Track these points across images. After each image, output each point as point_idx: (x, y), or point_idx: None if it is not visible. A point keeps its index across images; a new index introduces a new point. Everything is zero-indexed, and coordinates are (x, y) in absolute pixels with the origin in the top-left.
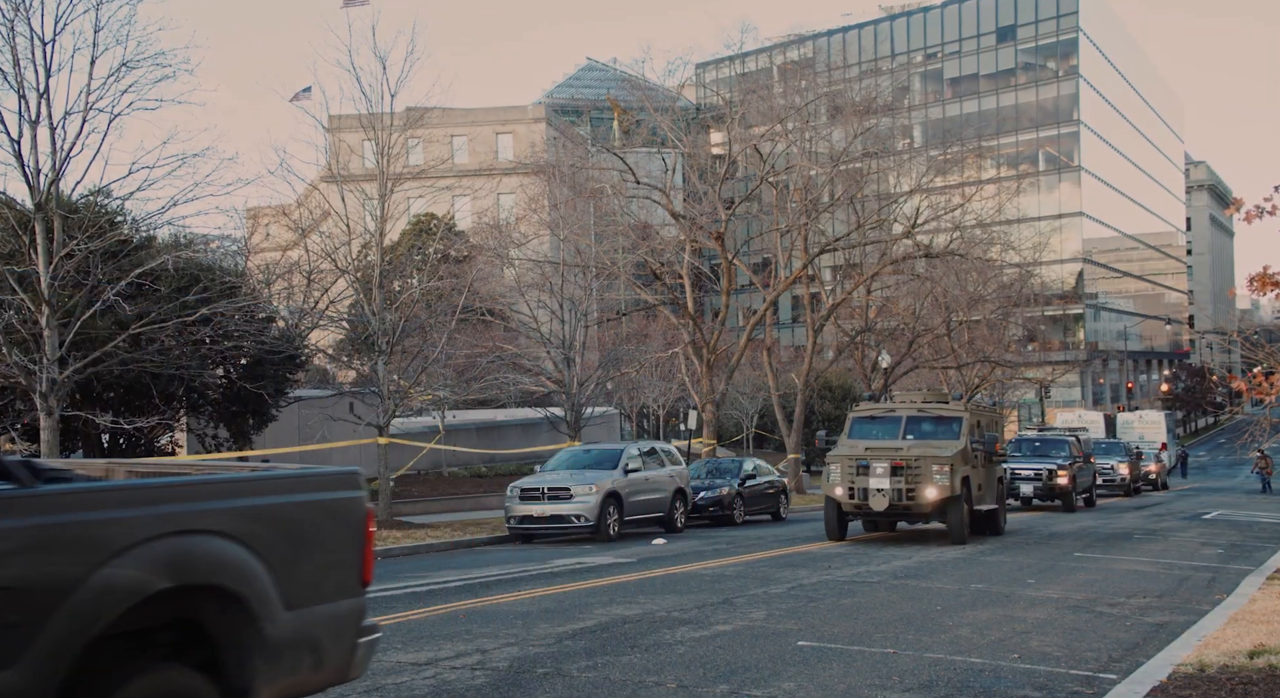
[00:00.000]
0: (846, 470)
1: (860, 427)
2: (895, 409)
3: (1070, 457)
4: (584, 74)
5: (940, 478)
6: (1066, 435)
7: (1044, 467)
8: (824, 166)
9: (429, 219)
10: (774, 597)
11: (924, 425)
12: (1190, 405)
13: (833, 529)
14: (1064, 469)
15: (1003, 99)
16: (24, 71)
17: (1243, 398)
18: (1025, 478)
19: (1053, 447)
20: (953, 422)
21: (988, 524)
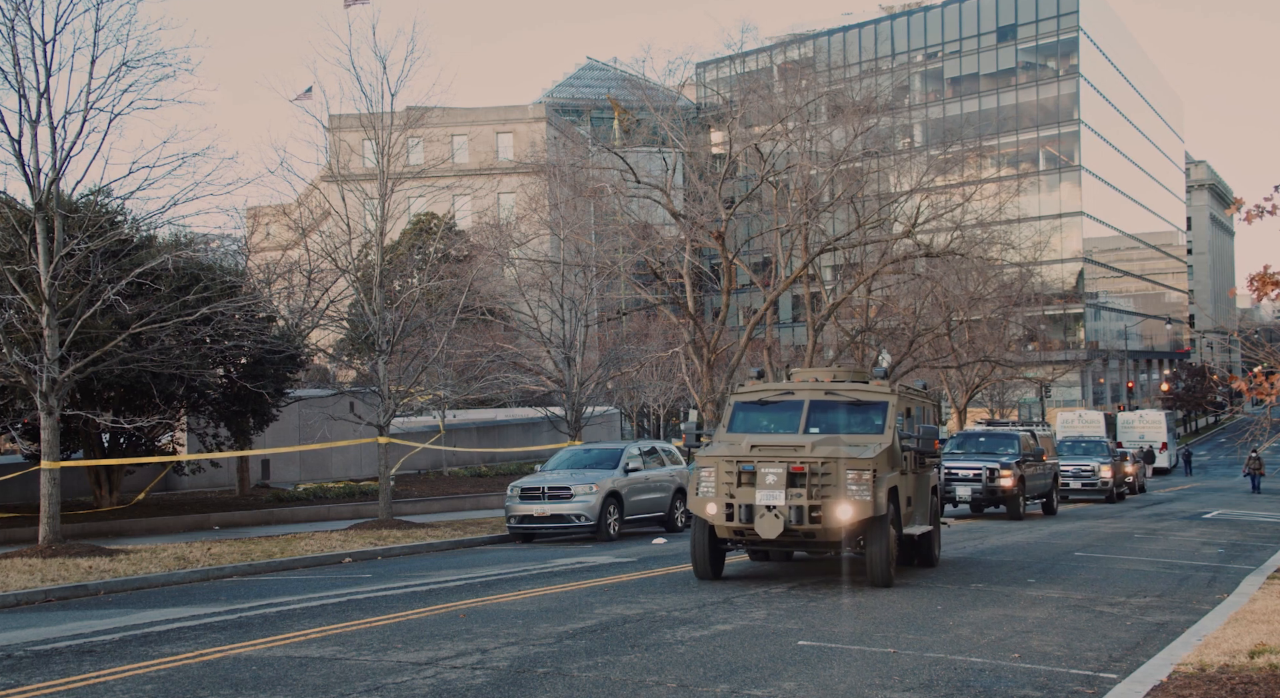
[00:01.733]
0: (723, 479)
1: (746, 415)
2: (794, 391)
3: (1018, 454)
4: (584, 74)
5: (858, 490)
6: (1017, 430)
7: (985, 466)
8: (824, 166)
9: (429, 219)
10: (774, 596)
11: (835, 414)
12: (1190, 405)
13: (702, 564)
14: (1008, 469)
15: (1003, 98)
16: (24, 71)
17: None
18: (963, 479)
19: (999, 442)
20: (874, 409)
21: (918, 552)
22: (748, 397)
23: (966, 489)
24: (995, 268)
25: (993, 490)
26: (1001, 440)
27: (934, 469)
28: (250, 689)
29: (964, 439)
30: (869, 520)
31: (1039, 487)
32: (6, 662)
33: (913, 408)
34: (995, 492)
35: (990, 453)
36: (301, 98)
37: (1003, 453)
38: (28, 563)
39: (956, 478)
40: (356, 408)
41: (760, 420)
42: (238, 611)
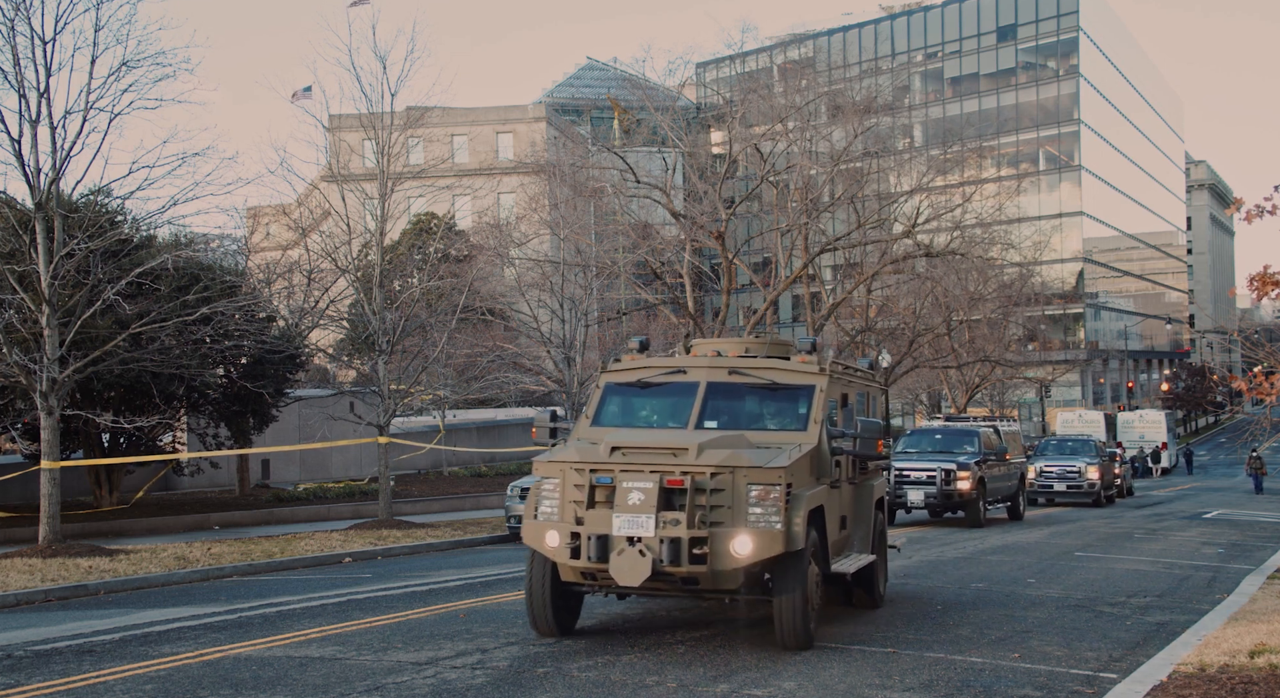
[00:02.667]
0: (570, 495)
1: (619, 402)
2: (686, 370)
3: (979, 453)
4: (584, 73)
5: (763, 514)
6: (978, 426)
7: (941, 467)
8: (824, 166)
9: (429, 218)
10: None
11: (742, 402)
12: (1190, 405)
13: (542, 614)
14: (966, 470)
15: (1003, 98)
16: (24, 71)
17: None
18: (915, 482)
19: (958, 440)
20: (796, 396)
21: (858, 585)
22: (622, 376)
23: (919, 493)
24: (995, 268)
25: (949, 495)
26: (960, 438)
27: (879, 477)
28: (250, 689)
29: (918, 437)
30: (778, 558)
31: (1003, 489)
32: (6, 662)
33: (853, 395)
34: (952, 496)
35: (947, 452)
36: (300, 97)
37: (961, 452)
38: (28, 563)
39: (908, 480)
40: (356, 408)
41: (638, 410)
42: (238, 610)
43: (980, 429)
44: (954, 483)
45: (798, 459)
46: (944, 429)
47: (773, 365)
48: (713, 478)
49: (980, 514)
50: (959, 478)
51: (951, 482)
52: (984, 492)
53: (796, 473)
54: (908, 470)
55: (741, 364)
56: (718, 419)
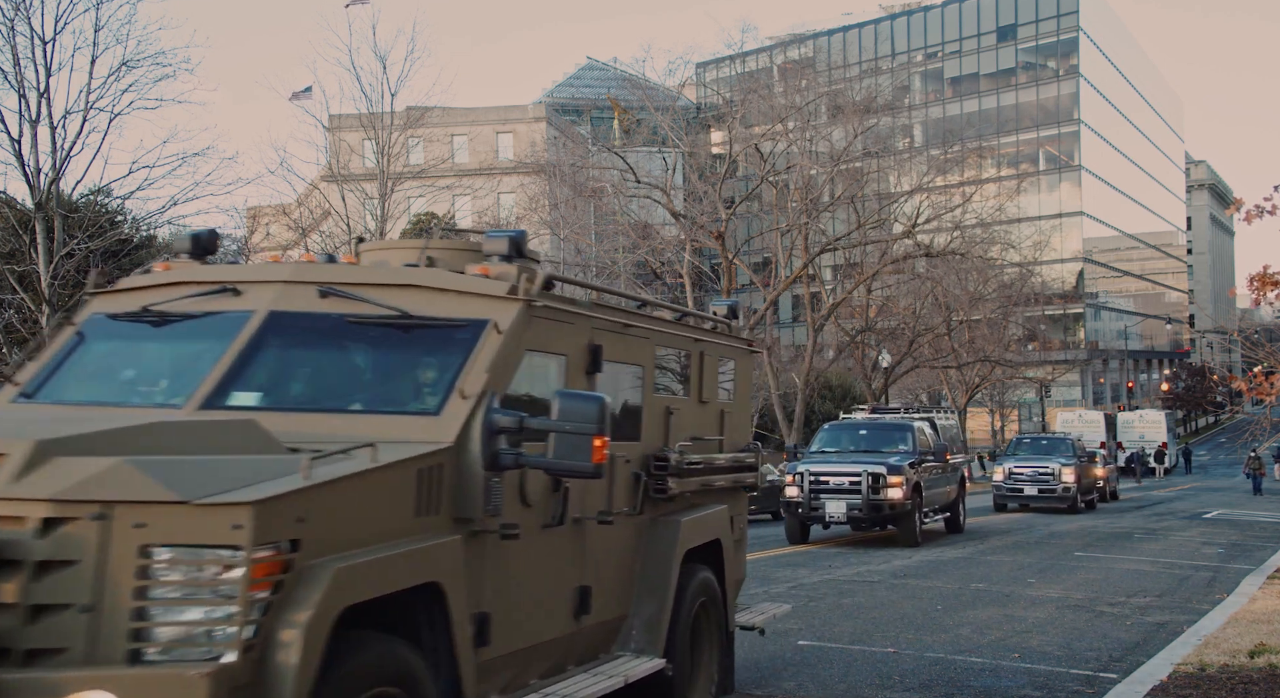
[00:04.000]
0: None
1: (92, 350)
2: (242, 290)
3: (913, 453)
4: (584, 73)
5: (185, 630)
6: (911, 420)
7: (866, 470)
8: (824, 166)
9: (429, 218)
10: (774, 596)
11: (339, 353)
12: (1191, 405)
13: None
14: (899, 474)
15: (1003, 98)
16: (24, 71)
17: (1243, 398)
18: (835, 490)
19: (887, 437)
20: (448, 342)
21: None
22: (122, 301)
23: (840, 505)
24: (995, 268)
25: (878, 506)
26: (890, 434)
27: (729, 503)
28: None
29: (837, 433)
30: None
31: (940, 497)
32: None
33: (627, 351)
34: (882, 507)
35: (874, 451)
36: (300, 96)
37: (892, 451)
38: None
39: (826, 489)
40: None
41: (121, 367)
42: None
43: (914, 423)
44: (884, 490)
45: (344, 479)
46: (870, 423)
47: (422, 281)
48: (47, 531)
49: (916, 528)
50: (890, 484)
51: (881, 489)
52: (921, 501)
53: (327, 514)
54: (826, 476)
55: (357, 280)
56: (270, 387)
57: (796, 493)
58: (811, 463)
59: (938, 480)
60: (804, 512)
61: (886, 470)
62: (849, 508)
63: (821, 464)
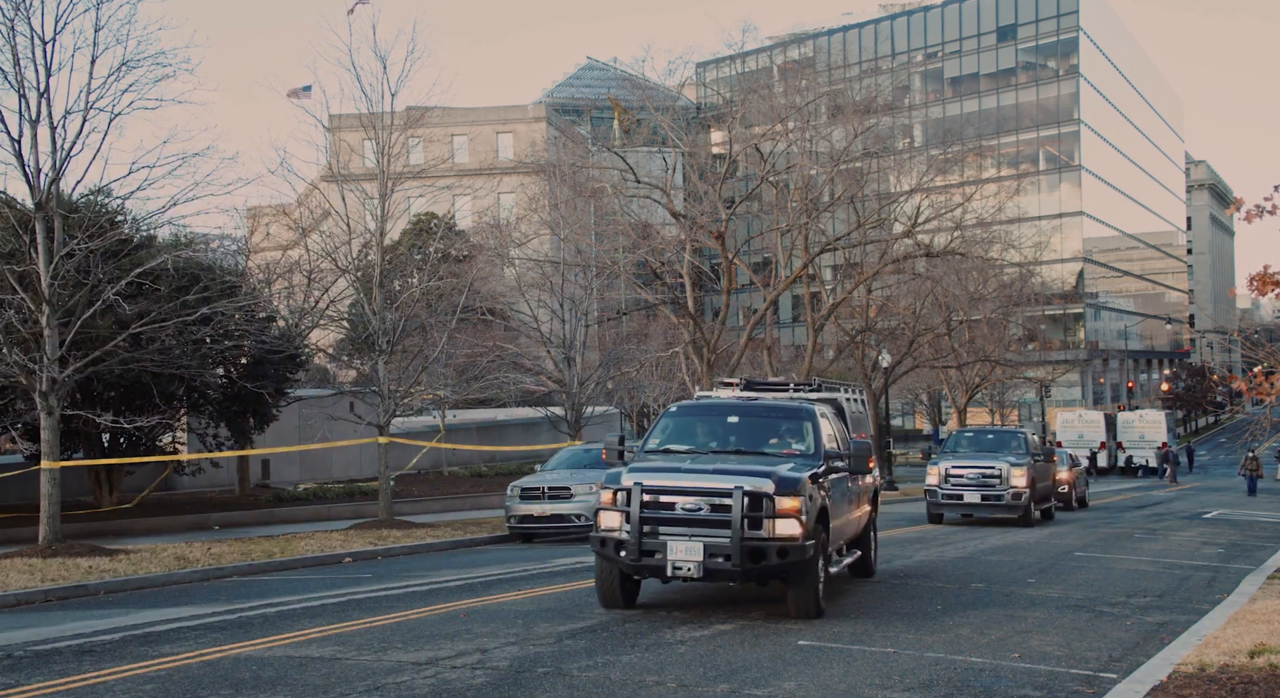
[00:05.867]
0: None
1: None
2: None
3: (814, 457)
4: (584, 73)
5: None
6: (805, 401)
7: (738, 488)
8: (824, 166)
9: (429, 218)
10: (774, 597)
11: None
12: (1190, 405)
13: None
14: (792, 495)
15: (1003, 98)
16: (24, 71)
17: (1243, 398)
18: (686, 522)
19: (772, 429)
20: None
21: None
22: None
23: (692, 548)
24: (995, 268)
25: (758, 549)
26: (777, 424)
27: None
28: (250, 689)
29: (689, 421)
30: None
31: (851, 526)
32: (6, 662)
33: None
34: (765, 550)
35: (755, 456)
36: (299, 95)
37: (773, 455)
38: (28, 563)
39: (674, 520)
40: (356, 408)
41: None
42: (238, 610)
43: (807, 407)
44: (769, 522)
45: None
46: (744, 406)
47: None
48: None
49: (818, 588)
50: (780, 508)
51: (757, 520)
52: (827, 537)
53: None
54: (673, 500)
55: None
56: None
57: (617, 523)
58: (646, 469)
59: (845, 501)
60: (630, 556)
61: (775, 488)
62: (708, 552)
63: (667, 478)
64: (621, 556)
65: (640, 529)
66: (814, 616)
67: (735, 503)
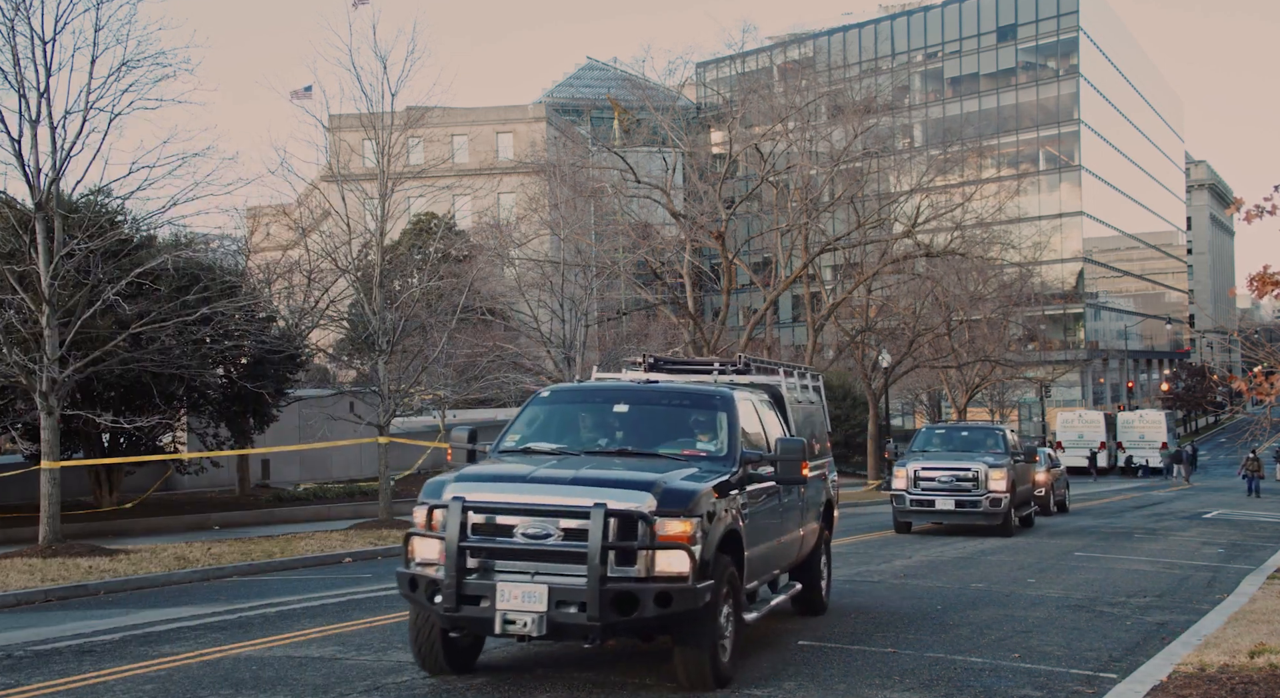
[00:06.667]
0: None
1: None
2: None
3: (719, 464)
4: (584, 73)
5: None
6: (722, 389)
7: (591, 502)
8: (824, 166)
9: (429, 218)
10: None
11: None
12: (1190, 405)
13: None
14: (678, 514)
15: (1003, 98)
16: (24, 71)
17: (1243, 398)
18: (528, 554)
19: (672, 419)
20: None
21: None
22: None
23: (532, 595)
24: (995, 268)
25: (627, 594)
26: (681, 416)
27: None
28: (250, 689)
29: (549, 411)
30: None
31: (780, 555)
32: (6, 662)
33: None
34: (636, 596)
35: (641, 456)
36: (300, 96)
37: (677, 464)
38: (28, 563)
39: (506, 547)
40: (356, 408)
41: None
42: (238, 610)
43: (731, 396)
44: (646, 559)
45: None
46: (636, 392)
47: None
48: None
49: (718, 639)
50: (666, 537)
51: (633, 555)
52: (740, 579)
53: None
54: (508, 513)
55: None
56: None
57: (435, 555)
58: (479, 478)
59: (773, 520)
60: (446, 603)
61: (656, 504)
62: (554, 600)
63: (500, 482)
64: (436, 602)
65: (459, 565)
66: (711, 686)
67: (594, 527)
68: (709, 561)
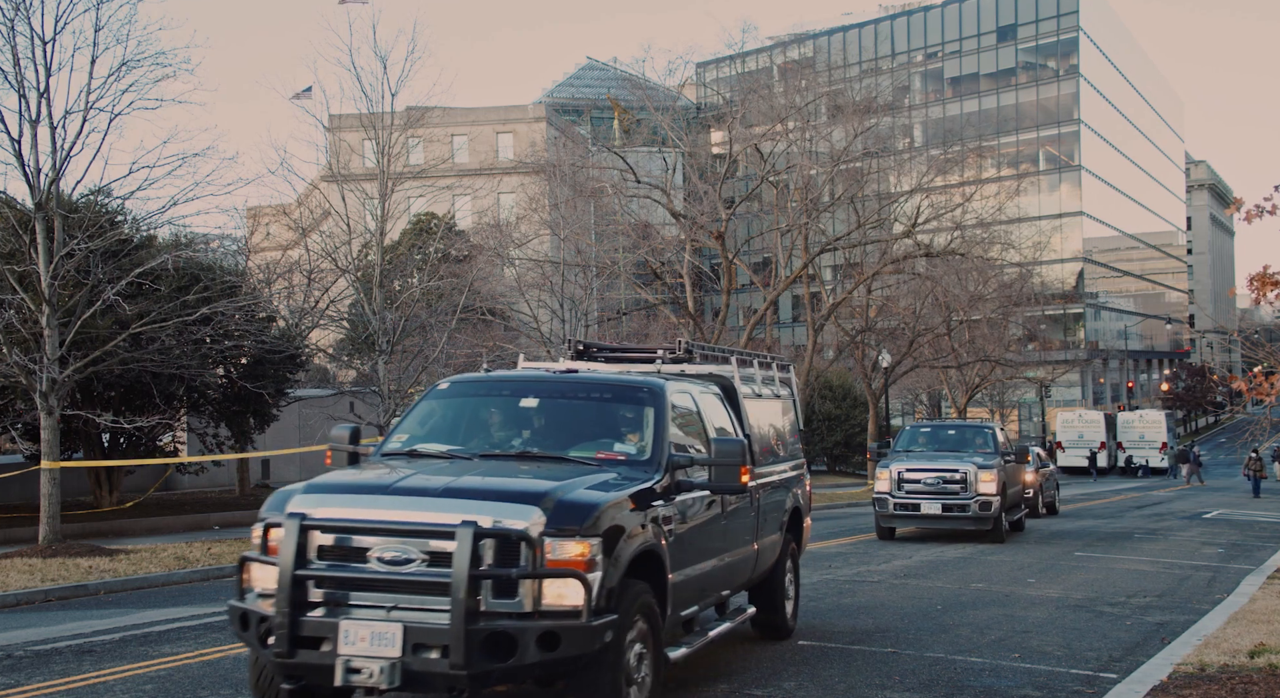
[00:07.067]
0: None
1: None
2: None
3: (639, 469)
4: (584, 73)
5: None
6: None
7: (458, 519)
8: (824, 166)
9: (429, 218)
10: None
11: None
12: (1190, 405)
13: None
14: (572, 533)
15: (1003, 98)
16: (24, 71)
17: (1243, 398)
18: (383, 584)
19: (589, 417)
20: None
21: None
22: None
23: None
24: (995, 268)
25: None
26: (591, 409)
27: None
28: (250, 689)
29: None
30: None
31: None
32: (6, 662)
33: None
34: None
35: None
36: (301, 97)
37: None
38: (28, 563)
39: (356, 577)
40: (356, 408)
41: None
42: None
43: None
44: (524, 584)
45: None
46: (549, 386)
47: None
48: None
49: (619, 690)
50: (556, 562)
51: (513, 585)
52: (657, 607)
53: None
54: (364, 544)
55: None
56: None
57: (273, 584)
58: (331, 488)
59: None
60: (279, 646)
61: (545, 521)
62: (410, 642)
63: (354, 494)
64: (269, 645)
65: (293, 599)
66: None
67: (460, 550)
68: (613, 589)
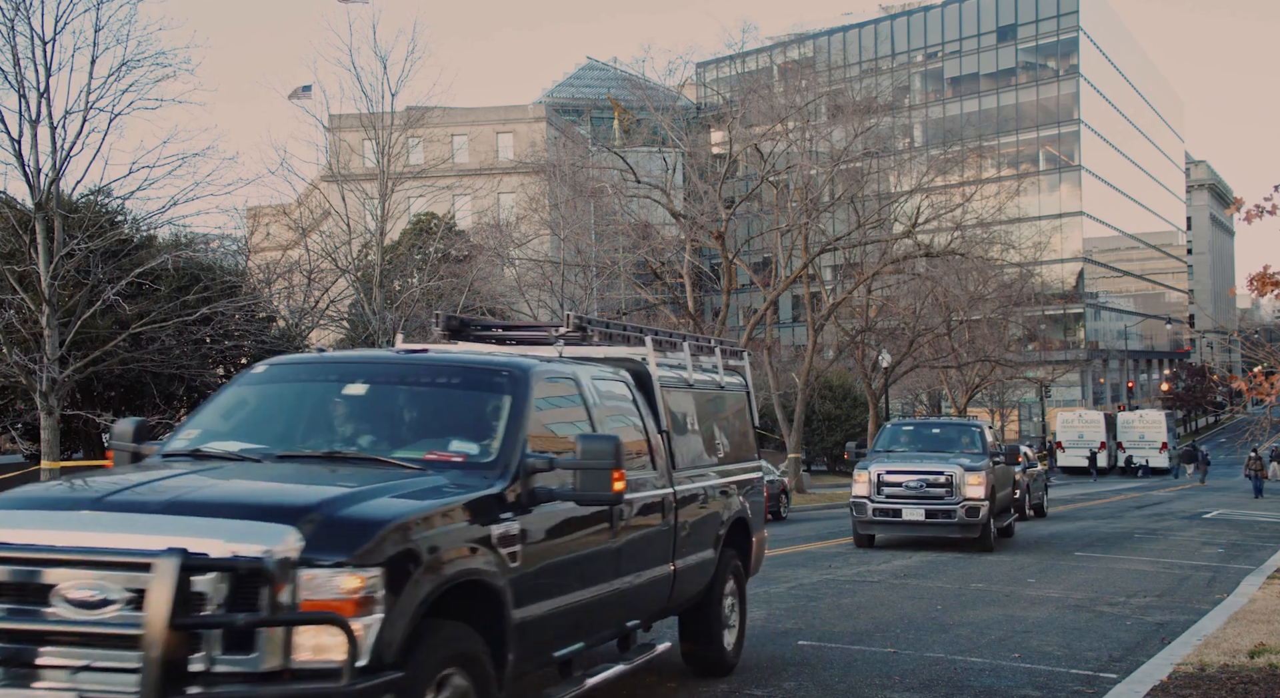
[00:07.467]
0: None
1: None
2: None
3: (476, 473)
4: (584, 73)
5: None
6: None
7: (163, 543)
8: (824, 166)
9: (429, 218)
10: (774, 596)
11: None
12: (1190, 405)
13: None
14: (347, 567)
15: (1003, 98)
16: (24, 71)
17: (1243, 398)
18: (67, 637)
19: (428, 408)
20: None
21: None
22: None
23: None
24: (995, 268)
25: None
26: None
27: None
28: None
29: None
30: None
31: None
32: None
33: None
34: None
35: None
36: (299, 95)
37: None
38: None
39: None
40: None
41: None
42: None
43: (525, 372)
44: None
45: None
46: (384, 369)
47: None
48: None
49: None
50: (316, 601)
51: (250, 640)
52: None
53: None
54: (55, 579)
55: None
56: None
57: None
58: (14, 508)
59: (602, 555)
60: None
61: (302, 546)
62: None
63: (42, 516)
64: None
65: None
66: None
67: (157, 588)
68: (396, 639)
